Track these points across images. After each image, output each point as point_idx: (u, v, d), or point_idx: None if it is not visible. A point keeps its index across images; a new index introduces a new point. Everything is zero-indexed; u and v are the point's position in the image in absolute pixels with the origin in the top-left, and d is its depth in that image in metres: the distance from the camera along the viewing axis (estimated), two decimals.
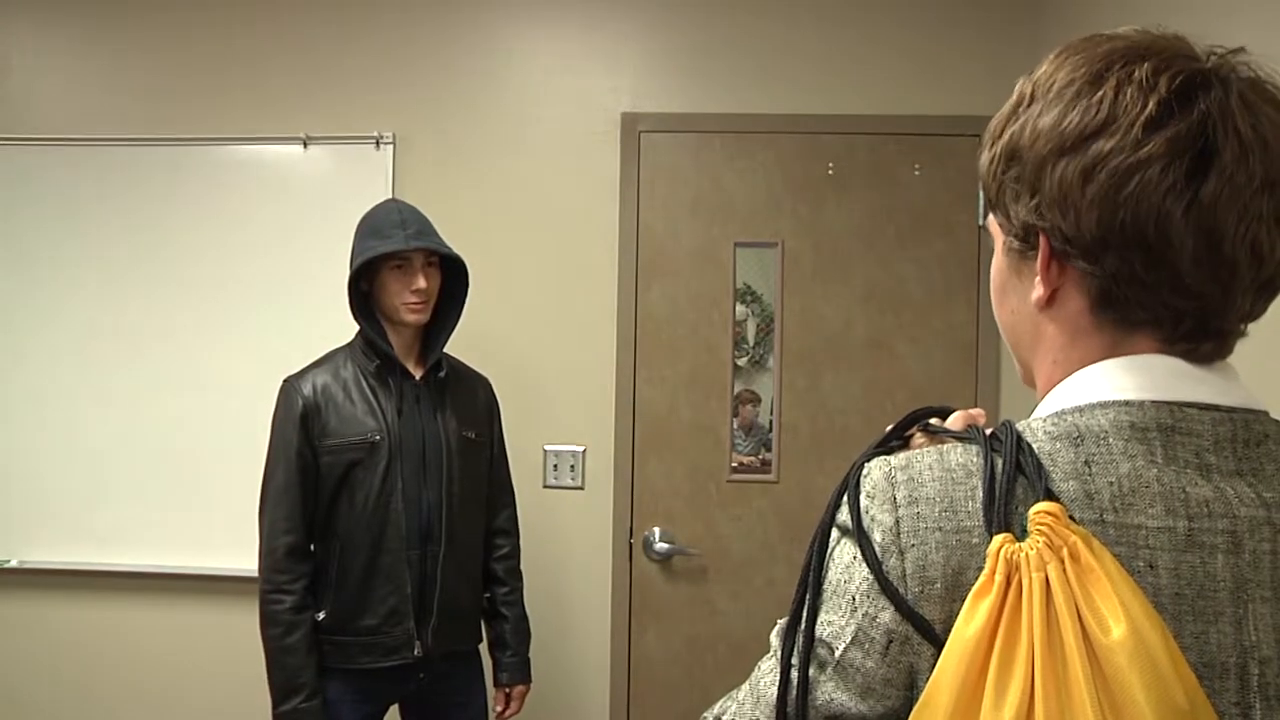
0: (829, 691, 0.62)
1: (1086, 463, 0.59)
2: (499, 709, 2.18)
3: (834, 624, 0.62)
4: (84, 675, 2.73)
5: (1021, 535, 0.56)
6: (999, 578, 0.55)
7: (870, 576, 0.61)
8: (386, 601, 1.97)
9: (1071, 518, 0.57)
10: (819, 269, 2.64)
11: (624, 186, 2.67)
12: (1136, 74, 0.60)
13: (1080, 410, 0.61)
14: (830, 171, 2.64)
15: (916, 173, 2.63)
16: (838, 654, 0.62)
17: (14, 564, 2.70)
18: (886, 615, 0.60)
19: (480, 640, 2.19)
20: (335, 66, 2.71)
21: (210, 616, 2.69)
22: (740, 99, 2.67)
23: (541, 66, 2.70)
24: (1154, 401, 0.60)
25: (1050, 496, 0.58)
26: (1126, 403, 0.60)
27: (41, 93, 2.76)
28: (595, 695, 2.65)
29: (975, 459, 0.61)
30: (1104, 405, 0.61)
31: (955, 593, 0.58)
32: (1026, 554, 0.55)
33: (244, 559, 2.45)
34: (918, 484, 0.61)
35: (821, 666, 0.63)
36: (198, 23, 2.73)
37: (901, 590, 0.59)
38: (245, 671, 2.62)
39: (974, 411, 0.72)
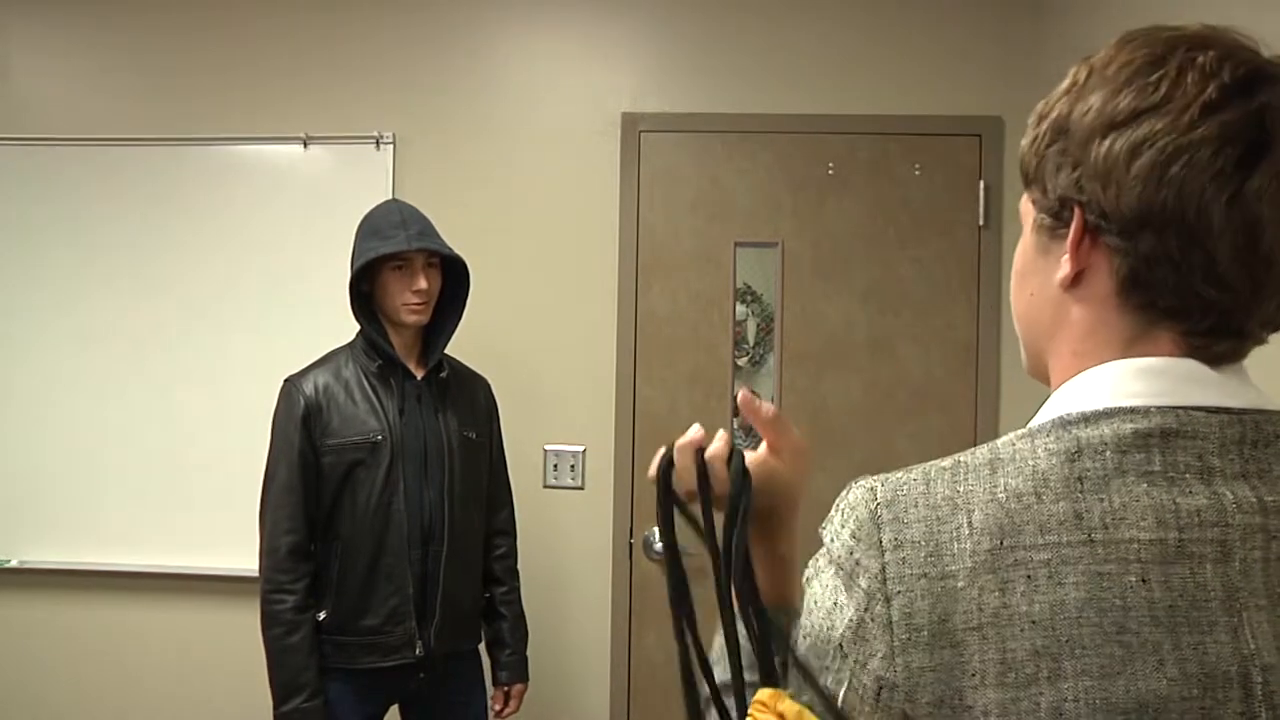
0: None
1: (1079, 479, 0.58)
2: (497, 708, 2.18)
3: (829, 672, 0.62)
4: (84, 675, 2.73)
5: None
6: None
7: (856, 623, 0.61)
8: (388, 602, 1.97)
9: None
10: (819, 269, 2.65)
11: (624, 186, 2.67)
12: (1200, 60, 0.59)
13: (1086, 419, 0.60)
14: (830, 171, 2.65)
15: (916, 173, 2.63)
16: (839, 702, 0.62)
17: (14, 564, 2.70)
18: (875, 662, 0.60)
19: (480, 640, 2.19)
20: (335, 66, 2.71)
21: (210, 616, 2.69)
22: (740, 99, 2.67)
23: (541, 66, 2.70)
24: (1160, 407, 0.59)
25: (769, 677, 0.66)
26: (1132, 410, 0.60)
27: (41, 93, 2.76)
28: (595, 695, 2.65)
29: (961, 488, 0.60)
30: (1109, 414, 0.60)
31: (940, 639, 0.58)
32: None
33: (244, 559, 2.45)
34: (903, 524, 0.61)
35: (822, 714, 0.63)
36: (197, 23, 2.73)
37: (888, 637, 0.59)
38: (246, 671, 2.62)
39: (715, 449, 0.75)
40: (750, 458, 0.77)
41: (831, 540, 0.64)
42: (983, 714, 0.57)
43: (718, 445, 0.77)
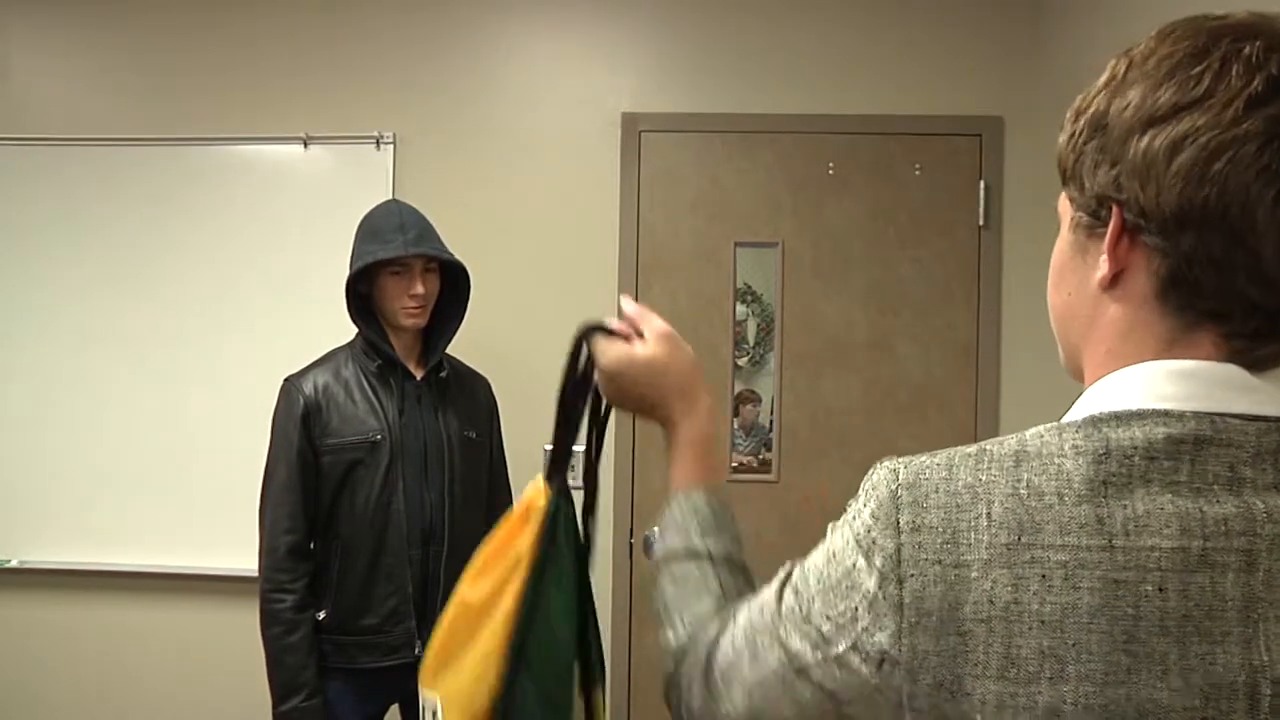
0: (820, 675, 0.64)
1: (1104, 482, 0.57)
2: None
3: (830, 621, 0.64)
4: (84, 675, 2.72)
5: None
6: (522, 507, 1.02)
7: (870, 598, 0.61)
8: (387, 602, 1.97)
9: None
10: (819, 269, 2.64)
11: (624, 186, 2.67)
12: (1246, 50, 0.56)
13: (1118, 418, 0.59)
14: (830, 171, 2.64)
15: (916, 173, 2.63)
16: (835, 652, 0.63)
17: (14, 564, 2.70)
18: (882, 636, 0.60)
19: None
20: (335, 66, 2.71)
21: (210, 616, 2.69)
22: (740, 99, 2.66)
23: (541, 66, 2.70)
24: (1195, 413, 0.58)
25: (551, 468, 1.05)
26: (1165, 413, 0.58)
27: (41, 93, 2.76)
28: None
29: (983, 477, 0.60)
30: (1141, 416, 0.58)
31: (948, 626, 0.58)
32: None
33: (244, 559, 2.45)
34: (922, 509, 0.61)
35: (816, 646, 0.64)
36: (198, 23, 2.73)
37: (898, 617, 0.60)
38: (245, 671, 2.62)
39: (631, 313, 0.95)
40: (615, 346, 0.95)
41: (854, 517, 0.64)
42: (980, 703, 0.57)
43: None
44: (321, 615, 1.97)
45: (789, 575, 0.70)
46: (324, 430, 1.97)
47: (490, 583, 1.03)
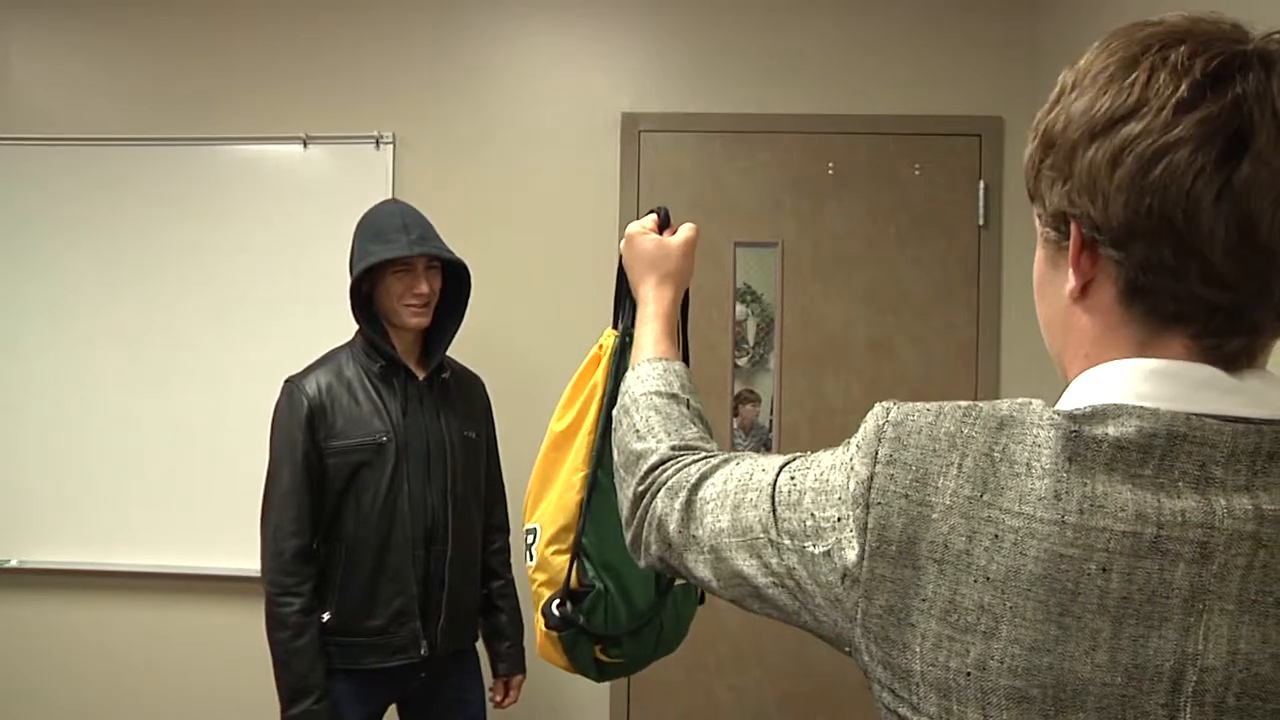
0: (790, 560, 0.71)
1: (1070, 460, 0.58)
2: (497, 699, 2.19)
3: (813, 520, 0.69)
4: (84, 675, 2.73)
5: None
6: (597, 348, 1.28)
7: (844, 515, 0.67)
8: (393, 602, 1.96)
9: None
10: (819, 269, 2.65)
11: (624, 186, 2.67)
12: (1172, 57, 0.58)
13: (1095, 412, 0.60)
14: (830, 171, 2.65)
15: (916, 173, 2.63)
16: (813, 550, 0.69)
17: (14, 564, 2.70)
18: (849, 554, 0.65)
19: (478, 637, 2.20)
20: (335, 66, 2.71)
21: (211, 616, 2.69)
22: (740, 99, 2.67)
23: (541, 66, 2.70)
24: (1172, 411, 0.58)
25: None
26: (1141, 410, 0.59)
27: (41, 93, 2.76)
28: (595, 695, 2.65)
29: (965, 430, 0.62)
30: (1118, 410, 0.59)
31: (904, 558, 0.62)
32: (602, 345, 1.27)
33: (245, 559, 2.45)
34: (902, 446, 0.64)
35: (794, 536, 0.70)
36: (198, 23, 2.73)
37: (862, 539, 0.65)
38: (246, 671, 2.62)
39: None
40: (645, 222, 1.21)
41: (849, 441, 0.70)
42: (921, 636, 0.61)
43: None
44: (325, 617, 1.96)
45: (794, 458, 0.76)
46: (329, 432, 1.96)
47: (574, 411, 1.28)
